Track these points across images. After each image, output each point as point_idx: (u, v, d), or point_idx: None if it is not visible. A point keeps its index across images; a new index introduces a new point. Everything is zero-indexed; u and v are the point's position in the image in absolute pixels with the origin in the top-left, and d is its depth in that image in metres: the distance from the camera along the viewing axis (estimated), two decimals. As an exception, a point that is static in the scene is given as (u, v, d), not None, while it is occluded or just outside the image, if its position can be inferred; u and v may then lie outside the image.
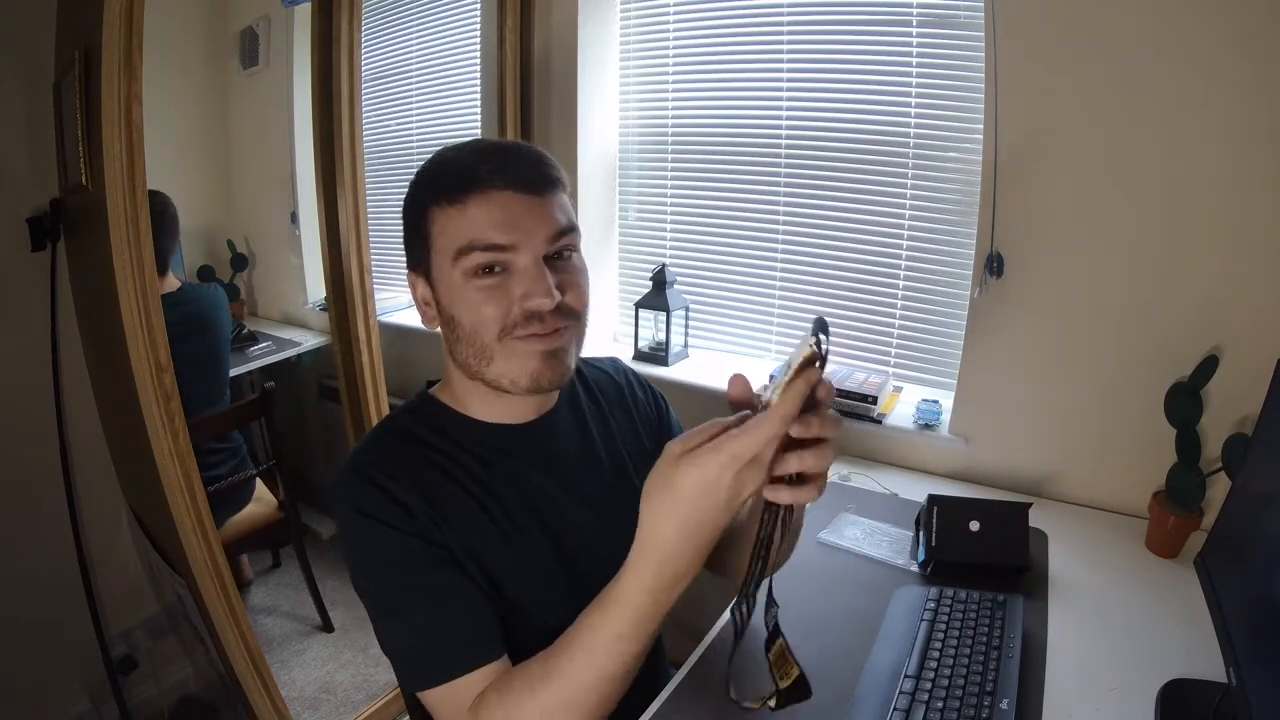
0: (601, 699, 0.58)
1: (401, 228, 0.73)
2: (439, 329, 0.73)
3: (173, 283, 1.64)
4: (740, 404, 0.53)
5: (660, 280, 1.68)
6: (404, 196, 0.73)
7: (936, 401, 1.43)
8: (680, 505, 0.49)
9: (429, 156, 0.72)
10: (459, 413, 0.75)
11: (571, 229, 0.69)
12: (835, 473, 1.38)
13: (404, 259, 0.74)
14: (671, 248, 1.80)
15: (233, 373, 1.87)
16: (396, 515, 0.66)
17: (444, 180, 0.68)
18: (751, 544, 0.53)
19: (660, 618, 0.55)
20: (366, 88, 1.60)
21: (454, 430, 0.74)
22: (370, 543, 0.66)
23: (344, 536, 0.68)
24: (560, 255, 0.69)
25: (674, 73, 1.70)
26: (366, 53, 1.60)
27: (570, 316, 0.70)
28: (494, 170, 0.66)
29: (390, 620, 0.67)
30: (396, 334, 2.02)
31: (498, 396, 0.72)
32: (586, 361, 0.90)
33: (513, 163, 0.67)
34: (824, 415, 0.49)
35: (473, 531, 0.70)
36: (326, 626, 1.99)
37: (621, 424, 0.87)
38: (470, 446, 0.74)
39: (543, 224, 0.67)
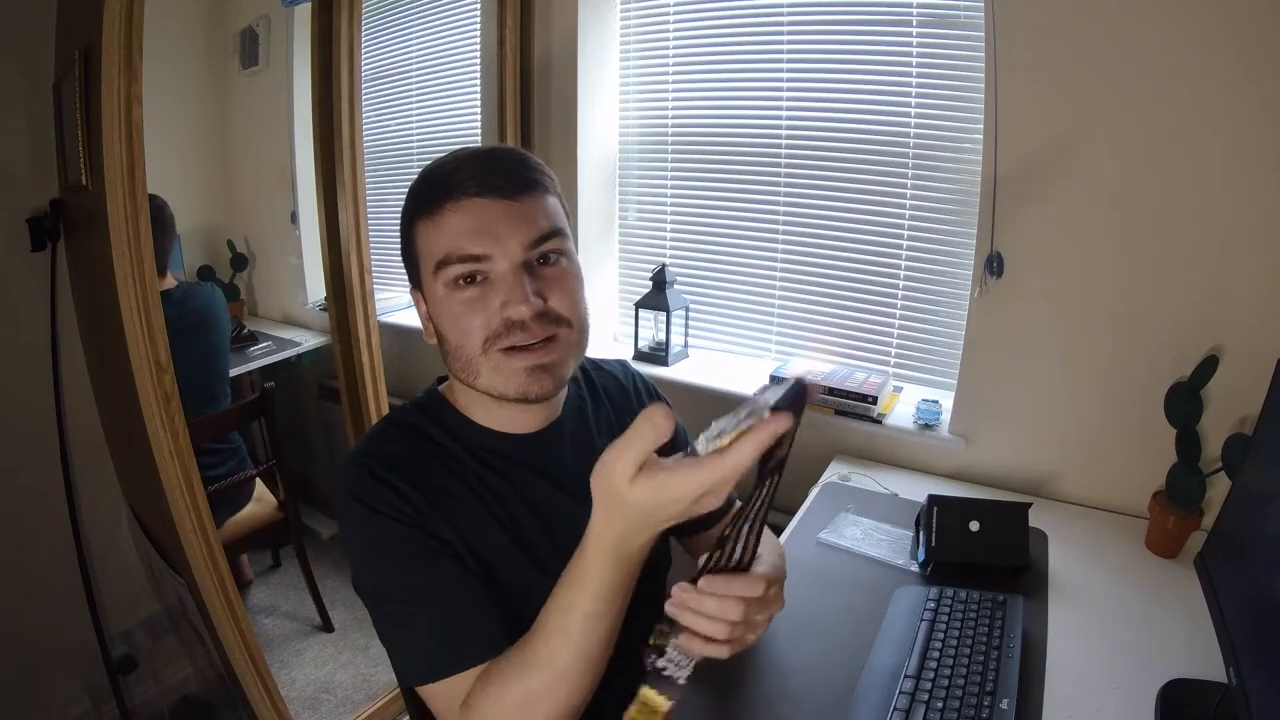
0: (581, 676, 0.58)
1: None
2: (434, 343, 0.73)
3: (169, 281, 1.64)
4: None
5: (660, 280, 1.68)
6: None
7: (936, 401, 1.43)
8: (641, 520, 0.52)
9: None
10: (465, 417, 0.75)
11: (554, 233, 0.68)
12: (835, 473, 1.38)
13: (403, 258, 0.74)
14: (671, 248, 1.80)
15: (232, 373, 1.87)
16: (396, 507, 0.66)
17: (423, 193, 0.68)
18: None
19: (628, 586, 0.57)
20: (366, 88, 1.60)
21: (460, 433, 0.74)
22: (370, 533, 0.66)
23: (344, 526, 0.68)
24: (545, 260, 0.68)
25: (674, 73, 1.70)
26: (366, 53, 1.60)
27: (558, 323, 0.68)
28: (468, 177, 0.65)
29: (388, 613, 0.66)
30: (396, 334, 2.01)
31: (499, 405, 0.72)
32: (595, 364, 0.89)
33: (488, 168, 0.66)
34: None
35: (476, 527, 0.69)
36: (326, 626, 1.99)
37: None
38: (476, 451, 0.73)
39: (519, 229, 0.65)
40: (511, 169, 0.67)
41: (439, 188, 0.66)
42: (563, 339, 0.68)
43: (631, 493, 0.50)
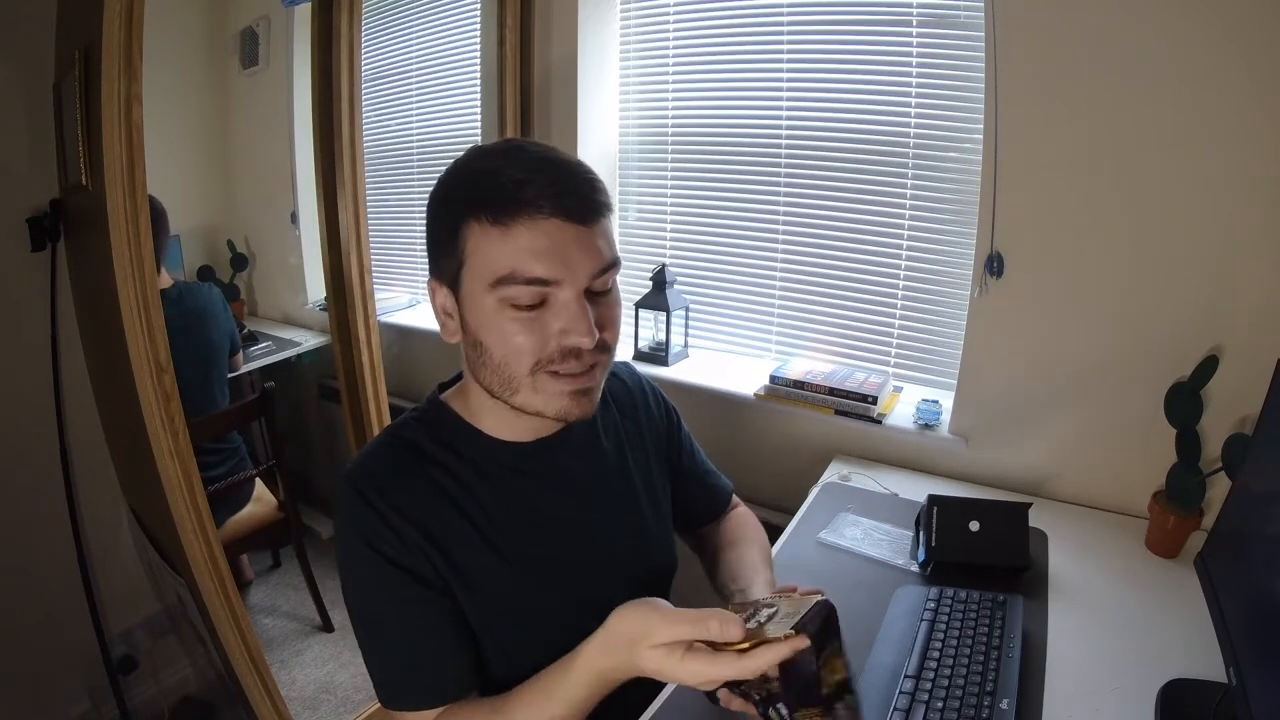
0: None
1: (426, 227, 0.69)
2: (456, 341, 0.70)
3: (165, 280, 1.64)
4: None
5: (660, 280, 1.68)
6: (431, 194, 0.68)
7: (936, 401, 1.43)
8: (634, 668, 0.57)
9: (463, 153, 0.67)
10: (470, 425, 0.73)
11: (615, 263, 0.66)
12: (835, 473, 1.38)
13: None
14: (671, 248, 1.80)
15: (232, 373, 1.87)
16: (389, 542, 0.66)
17: (487, 193, 0.62)
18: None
19: (600, 698, 0.61)
20: (366, 88, 1.60)
21: (463, 445, 0.72)
22: (359, 563, 0.67)
23: (337, 548, 0.69)
24: (600, 289, 0.66)
25: (674, 73, 1.70)
26: (366, 53, 1.60)
27: (604, 351, 0.67)
28: (543, 194, 0.61)
29: (365, 639, 0.69)
30: (396, 334, 2.02)
31: (516, 416, 0.70)
32: None
33: (564, 187, 0.62)
34: None
35: (469, 557, 0.69)
36: (326, 626, 1.99)
37: (631, 436, 0.85)
38: (478, 463, 0.72)
39: (588, 258, 0.63)
40: (587, 191, 0.64)
41: (509, 198, 0.61)
42: (602, 365, 0.68)
43: (646, 656, 0.55)
